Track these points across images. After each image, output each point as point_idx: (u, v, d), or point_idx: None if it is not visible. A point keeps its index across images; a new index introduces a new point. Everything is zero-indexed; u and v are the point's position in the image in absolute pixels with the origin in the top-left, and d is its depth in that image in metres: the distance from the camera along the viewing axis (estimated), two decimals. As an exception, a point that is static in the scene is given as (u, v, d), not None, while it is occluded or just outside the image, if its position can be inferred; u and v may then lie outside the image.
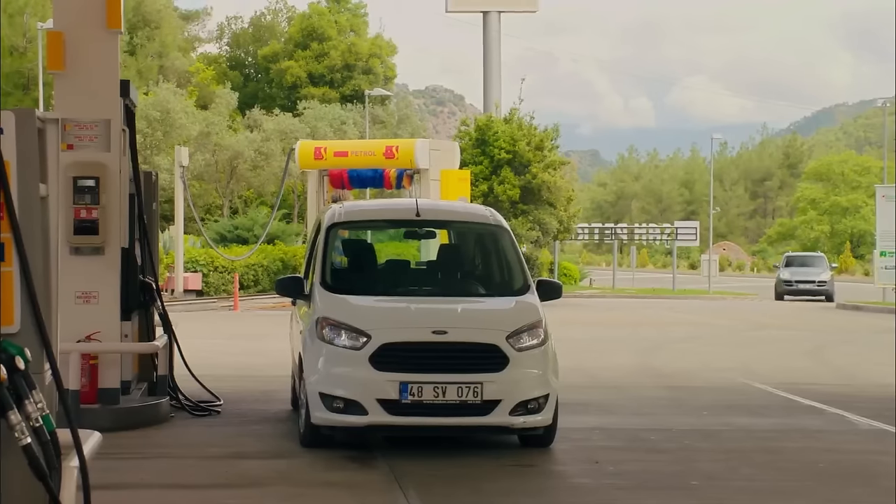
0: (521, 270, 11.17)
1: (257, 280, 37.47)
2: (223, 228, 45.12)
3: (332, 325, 10.18)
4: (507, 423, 10.03)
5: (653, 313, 34.54)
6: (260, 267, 37.63)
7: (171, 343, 12.39)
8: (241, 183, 52.51)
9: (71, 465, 5.34)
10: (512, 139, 46.81)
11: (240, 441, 10.97)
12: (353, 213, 12.16)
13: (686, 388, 15.41)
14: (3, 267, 5.23)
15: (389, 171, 35.44)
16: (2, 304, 5.10)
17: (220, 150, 50.30)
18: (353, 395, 9.95)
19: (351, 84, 64.59)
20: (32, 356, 5.06)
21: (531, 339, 10.19)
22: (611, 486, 9.14)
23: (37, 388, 4.98)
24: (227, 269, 36.45)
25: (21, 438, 4.70)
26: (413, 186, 36.29)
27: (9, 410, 4.68)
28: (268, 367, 16.76)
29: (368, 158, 35.72)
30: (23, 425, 4.72)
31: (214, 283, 36.16)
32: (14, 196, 5.28)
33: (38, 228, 5.70)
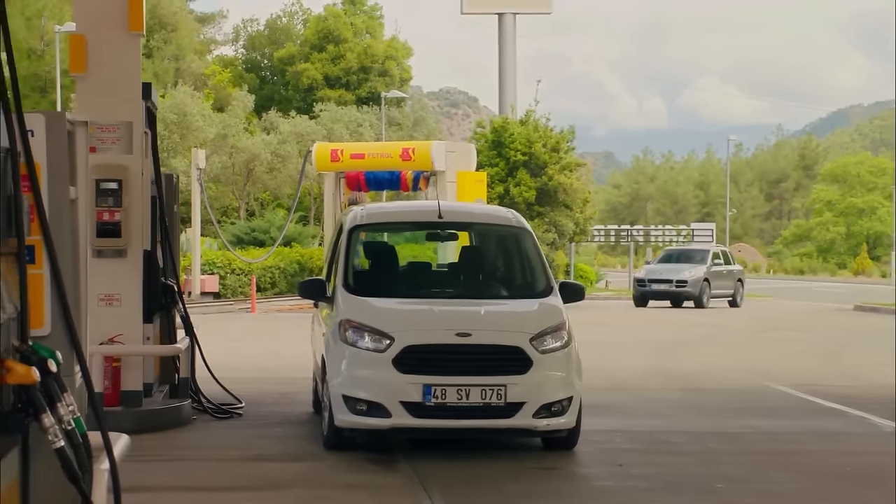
0: (543, 272, 11.16)
1: (274, 282, 37.49)
2: (240, 231, 45.15)
3: (355, 328, 10.18)
4: (531, 426, 10.01)
5: (668, 315, 34.45)
6: (277, 269, 37.65)
7: (193, 345, 12.40)
8: (257, 185, 52.55)
9: (101, 468, 5.35)
10: (528, 141, 46.78)
11: (261, 443, 10.97)
12: (374, 216, 12.16)
13: (705, 391, 15.37)
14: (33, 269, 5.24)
15: (406, 173, 35.43)
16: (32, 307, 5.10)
17: (237, 153, 50.36)
18: (376, 397, 9.94)
19: (367, 86, 64.62)
20: (62, 359, 5.06)
21: (555, 342, 10.18)
22: (635, 489, 9.12)
23: (68, 390, 4.98)
24: (244, 271, 36.47)
25: (54, 441, 4.70)
26: (429, 188, 36.29)
27: (42, 413, 4.68)
28: (287, 370, 16.76)
29: (385, 161, 35.72)
30: (56, 428, 4.72)
31: (231, 285, 36.20)
32: (44, 198, 5.29)
33: (67, 231, 5.72)
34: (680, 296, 38.63)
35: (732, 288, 40.20)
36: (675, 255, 41.31)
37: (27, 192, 5.11)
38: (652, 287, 38.85)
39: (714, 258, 40.05)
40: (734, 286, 40.28)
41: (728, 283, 40.12)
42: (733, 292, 40.12)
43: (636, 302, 39.05)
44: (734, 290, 40.20)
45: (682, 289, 38.48)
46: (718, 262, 40.19)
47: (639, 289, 39.20)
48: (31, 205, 5.17)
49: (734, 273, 40.90)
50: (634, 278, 40.87)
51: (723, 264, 40.42)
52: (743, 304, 40.28)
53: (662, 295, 38.79)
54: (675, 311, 36.29)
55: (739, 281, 40.99)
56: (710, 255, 40.27)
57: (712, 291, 39.14)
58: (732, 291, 40.11)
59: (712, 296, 39.17)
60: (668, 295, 38.74)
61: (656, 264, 40.90)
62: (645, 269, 40.96)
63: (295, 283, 38.08)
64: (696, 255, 40.83)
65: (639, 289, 39.20)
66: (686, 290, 38.46)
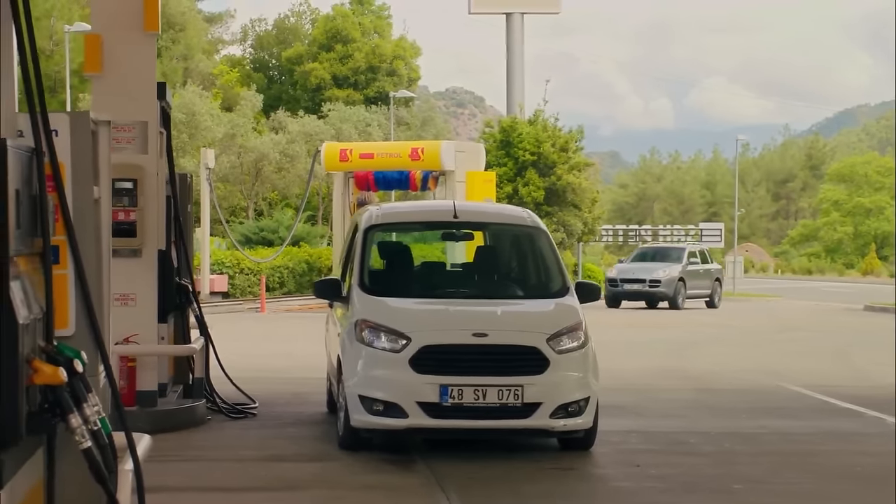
0: (559, 272, 11.14)
1: (283, 282, 37.48)
2: (248, 230, 45.16)
3: (372, 328, 10.16)
4: (548, 426, 9.99)
5: (678, 314, 34.40)
6: (285, 269, 37.64)
7: (208, 345, 12.39)
8: (265, 185, 52.54)
9: (125, 469, 5.34)
10: (537, 141, 46.79)
11: (276, 444, 10.95)
12: (389, 215, 12.14)
13: (717, 391, 15.34)
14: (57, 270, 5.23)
15: (415, 172, 35.39)
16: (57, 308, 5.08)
17: (245, 152, 50.35)
18: (392, 397, 9.92)
19: (375, 86, 64.60)
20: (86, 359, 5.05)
21: (571, 342, 10.15)
22: (653, 490, 9.09)
23: (93, 391, 4.97)
24: (253, 270, 36.47)
25: (81, 442, 4.69)
26: (438, 188, 36.26)
27: (69, 414, 4.67)
28: (299, 370, 16.76)
29: (394, 160, 35.68)
30: (83, 428, 4.70)
31: (240, 284, 36.19)
32: (68, 198, 5.28)
33: (91, 231, 5.70)
34: (653, 296, 37.21)
35: (709, 288, 38.76)
36: (649, 254, 39.91)
37: (51, 193, 5.10)
38: (624, 287, 37.37)
39: (690, 257, 38.75)
40: (711, 286, 38.86)
41: (705, 283, 38.71)
42: (710, 292, 38.72)
43: (608, 303, 37.04)
44: (711, 291, 38.79)
45: (656, 289, 37.04)
46: (695, 260, 38.85)
47: (610, 289, 37.40)
48: (55, 205, 5.15)
49: (711, 272, 39.43)
50: (606, 278, 39.02)
51: (699, 263, 38.97)
52: (721, 304, 39.08)
53: (635, 295, 37.37)
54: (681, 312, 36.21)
55: (717, 281, 39.61)
56: (685, 253, 38.85)
57: (688, 292, 37.73)
58: (710, 292, 38.68)
59: (688, 296, 37.75)
60: (642, 295, 37.34)
61: (629, 263, 39.49)
62: (617, 269, 39.44)
63: (304, 283, 38.11)
64: (672, 253, 39.39)
65: (610, 289, 37.40)
66: (660, 291, 37.05)
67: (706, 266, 39.23)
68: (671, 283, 36.90)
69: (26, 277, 4.71)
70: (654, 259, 38.69)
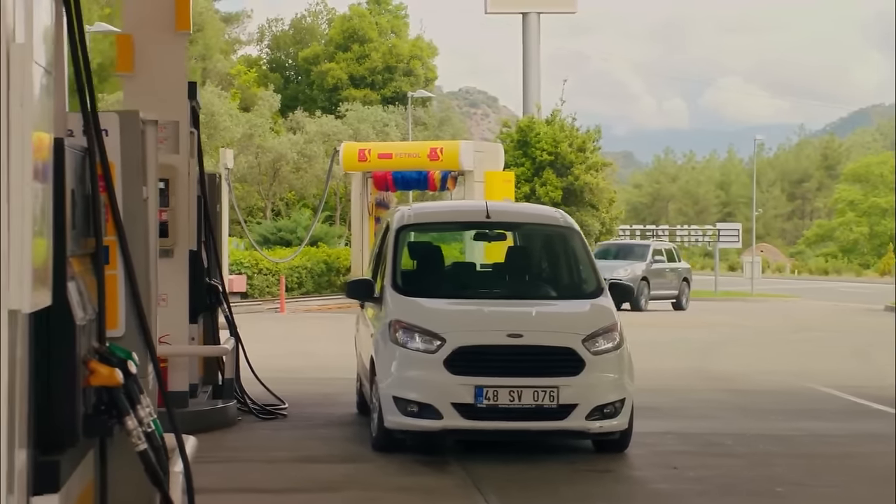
0: (593, 273, 11.07)
1: (301, 282, 37.44)
2: (266, 230, 45.12)
3: (405, 328, 10.11)
4: (584, 428, 9.92)
5: (698, 315, 34.25)
6: (304, 269, 37.59)
7: (238, 346, 12.35)
8: (283, 185, 52.49)
9: (176, 471, 5.30)
10: (554, 141, 46.71)
11: (308, 445, 10.90)
12: (422, 215, 12.08)
13: (748, 392, 15.27)
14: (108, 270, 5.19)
15: (434, 172, 35.37)
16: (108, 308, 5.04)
17: (263, 153, 50.31)
18: (427, 398, 9.86)
19: (392, 86, 64.54)
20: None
21: (607, 343, 10.09)
22: (692, 492, 9.02)
23: (144, 392, 4.93)
24: (272, 271, 36.43)
25: (137, 444, 4.64)
26: (457, 188, 36.22)
27: (125, 416, 4.61)
28: (324, 370, 16.72)
29: (413, 160, 35.67)
30: (139, 430, 4.66)
31: (259, 285, 36.15)
32: (119, 198, 5.24)
33: (141, 231, 5.67)
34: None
35: (676, 288, 36.57)
36: (612, 251, 37.91)
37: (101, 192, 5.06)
38: None
39: (655, 255, 36.75)
40: (679, 286, 36.69)
41: (671, 283, 36.59)
42: (678, 293, 36.53)
43: None
44: (679, 291, 36.61)
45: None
46: (660, 258, 36.78)
47: None
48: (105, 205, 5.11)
49: (679, 272, 37.23)
50: None
51: (665, 262, 36.81)
52: (688, 306, 36.83)
53: None
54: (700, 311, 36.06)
55: (685, 281, 37.35)
56: (650, 251, 36.84)
57: (652, 292, 35.59)
58: (676, 292, 36.49)
59: (652, 297, 35.56)
60: None
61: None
62: None
63: (322, 284, 38.06)
64: (636, 250, 37.46)
65: None
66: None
67: (673, 265, 37.24)
68: (633, 282, 33.53)
69: (80, 278, 4.67)
70: (617, 257, 36.82)
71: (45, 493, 4.02)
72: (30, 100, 3.60)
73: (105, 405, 4.64)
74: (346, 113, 55.64)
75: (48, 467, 4.09)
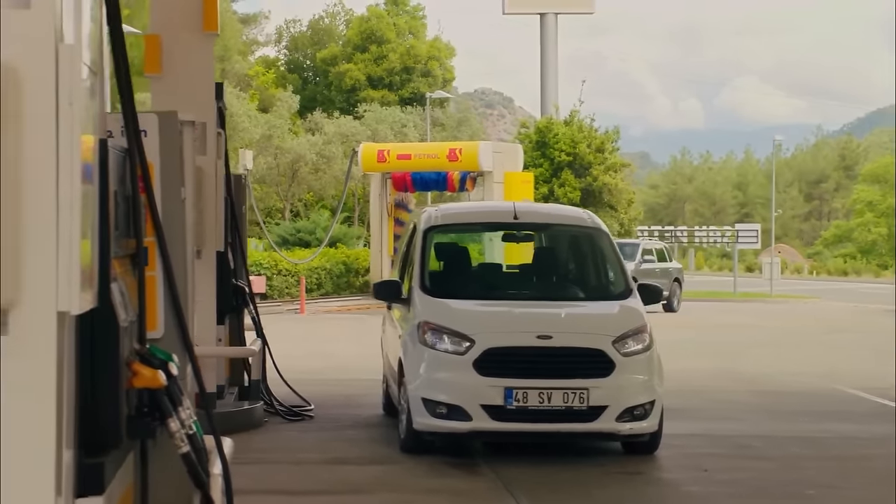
0: (622, 274, 11.03)
1: (320, 283, 37.41)
2: (285, 231, 45.10)
3: (434, 330, 10.07)
4: (614, 430, 9.88)
5: (719, 316, 34.14)
6: (323, 270, 37.56)
7: (264, 347, 12.33)
8: (301, 186, 52.47)
9: (215, 472, 5.27)
10: (572, 141, 46.68)
11: (336, 446, 10.87)
12: (449, 216, 12.04)
13: (774, 394, 15.19)
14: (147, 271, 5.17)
15: (453, 173, 35.32)
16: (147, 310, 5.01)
17: (282, 154, 50.29)
18: (456, 400, 9.83)
19: (410, 87, 64.50)
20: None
21: (636, 344, 10.05)
22: (725, 495, 8.97)
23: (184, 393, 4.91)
24: (291, 272, 36.41)
25: (180, 446, 4.62)
26: (476, 189, 36.16)
27: (168, 418, 4.59)
28: (347, 371, 16.71)
29: (432, 161, 35.64)
30: (182, 433, 4.63)
31: (278, 286, 36.13)
32: (157, 199, 5.22)
33: (179, 231, 5.65)
34: None
35: (667, 289, 34.52)
36: None
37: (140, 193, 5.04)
38: None
39: (645, 254, 35.86)
40: (669, 287, 35.14)
41: (661, 284, 33.67)
42: (668, 294, 34.75)
43: None
44: (669, 292, 34.99)
45: None
46: (650, 258, 35.89)
47: None
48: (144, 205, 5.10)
49: (670, 272, 36.18)
50: None
51: (655, 261, 35.96)
52: (680, 307, 35.82)
53: None
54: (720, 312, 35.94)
55: (676, 281, 36.27)
56: (639, 250, 35.75)
57: None
58: (667, 293, 34.41)
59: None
60: None
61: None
62: None
63: (341, 284, 38.03)
64: (625, 249, 34.04)
65: None
66: None
67: (664, 265, 36.35)
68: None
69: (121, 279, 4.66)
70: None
71: (90, 495, 4.00)
72: (78, 100, 3.58)
73: (147, 407, 4.63)
74: (365, 114, 55.63)
75: (93, 469, 4.07)
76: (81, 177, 3.60)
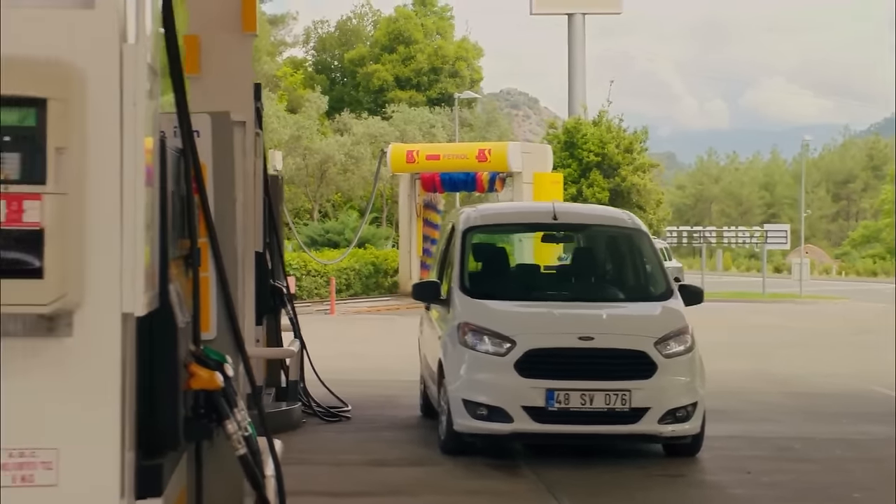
0: (662, 275, 10.97)
1: (349, 284, 37.43)
2: (314, 232, 45.14)
3: (475, 331, 10.03)
4: (656, 432, 9.82)
5: (749, 317, 33.98)
6: (352, 271, 37.57)
7: (302, 348, 12.31)
8: (330, 187, 52.50)
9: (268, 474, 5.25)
10: (601, 142, 46.58)
11: (375, 447, 10.84)
12: (488, 217, 12.00)
13: (811, 395, 15.10)
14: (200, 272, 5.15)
15: (482, 174, 35.30)
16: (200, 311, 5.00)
17: (310, 154, 50.34)
18: (497, 401, 9.78)
19: (437, 87, 64.49)
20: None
21: (678, 346, 9.98)
22: (768, 498, 8.90)
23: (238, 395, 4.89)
24: (320, 272, 36.43)
25: (238, 448, 4.59)
26: (505, 190, 36.12)
27: (226, 419, 4.57)
28: (381, 372, 16.69)
29: (461, 162, 35.63)
30: (239, 434, 4.61)
31: (307, 286, 36.15)
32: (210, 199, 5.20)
33: (230, 232, 5.63)
34: None
35: None
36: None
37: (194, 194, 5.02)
38: None
39: None
40: None
41: None
42: None
43: None
44: None
45: None
46: None
47: None
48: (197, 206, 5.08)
49: (669, 271, 36.09)
50: None
51: None
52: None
53: None
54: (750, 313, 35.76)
55: (676, 280, 36.67)
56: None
57: None
58: None
59: None
60: None
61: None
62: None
63: (370, 285, 38.02)
64: None
65: None
66: None
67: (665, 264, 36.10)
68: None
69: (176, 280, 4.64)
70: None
71: (149, 497, 3.99)
72: (141, 101, 3.57)
73: (203, 408, 4.60)
74: (393, 114, 55.65)
75: (152, 471, 4.06)
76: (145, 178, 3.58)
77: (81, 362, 3.54)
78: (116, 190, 3.45)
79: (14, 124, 3.32)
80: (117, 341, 3.59)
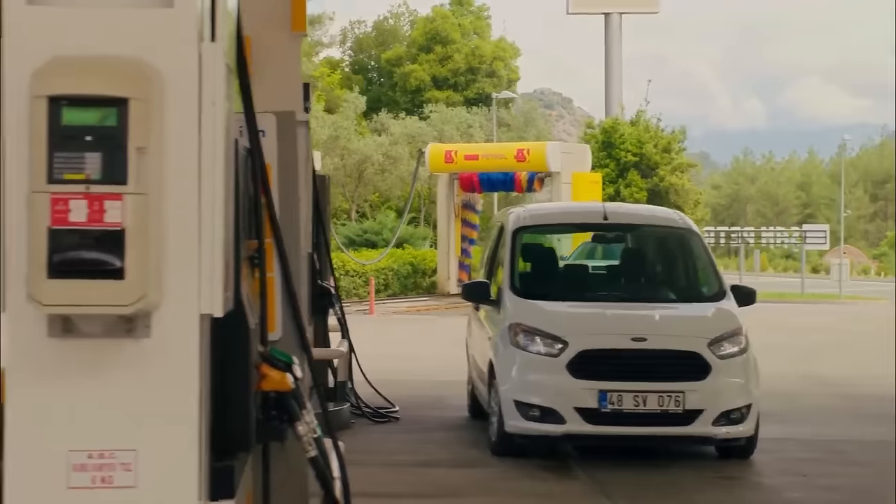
0: (715, 275, 10.89)
1: (387, 284, 37.42)
2: (352, 232, 45.17)
3: (526, 331, 9.97)
4: (710, 434, 9.74)
5: (791, 318, 33.74)
6: (390, 271, 37.57)
7: (350, 349, 12.28)
8: (367, 187, 52.55)
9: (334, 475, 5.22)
10: (639, 141, 46.40)
11: (425, 448, 10.81)
12: (538, 217, 11.95)
13: (861, 397, 14.95)
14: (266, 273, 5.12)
15: (520, 174, 35.22)
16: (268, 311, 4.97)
17: (348, 154, 50.40)
18: (549, 403, 9.73)
19: (475, 87, 64.42)
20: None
21: (732, 347, 9.90)
22: (827, 502, 8.81)
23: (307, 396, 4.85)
24: (358, 272, 36.45)
25: (308, 450, 4.56)
26: (544, 190, 36.03)
27: (296, 421, 4.54)
28: (425, 372, 16.64)
29: (499, 161, 35.55)
30: (309, 436, 4.58)
31: (346, 286, 36.15)
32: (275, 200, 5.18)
33: (296, 232, 5.61)
34: None
35: None
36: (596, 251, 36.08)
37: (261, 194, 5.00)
38: None
39: None
40: None
41: None
42: None
43: None
44: None
45: None
46: None
47: None
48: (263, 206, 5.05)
49: None
50: None
51: None
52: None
53: None
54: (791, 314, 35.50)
55: None
56: None
57: None
58: None
59: None
60: None
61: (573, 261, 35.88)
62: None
63: (408, 285, 38.02)
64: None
65: None
66: None
67: None
68: None
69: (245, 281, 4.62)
70: (604, 256, 34.62)
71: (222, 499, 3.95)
72: (220, 100, 3.54)
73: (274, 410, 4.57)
74: (431, 114, 55.62)
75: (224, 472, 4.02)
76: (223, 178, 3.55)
77: (159, 363, 3.51)
78: (195, 190, 3.42)
79: (95, 124, 3.29)
80: (195, 342, 3.56)
